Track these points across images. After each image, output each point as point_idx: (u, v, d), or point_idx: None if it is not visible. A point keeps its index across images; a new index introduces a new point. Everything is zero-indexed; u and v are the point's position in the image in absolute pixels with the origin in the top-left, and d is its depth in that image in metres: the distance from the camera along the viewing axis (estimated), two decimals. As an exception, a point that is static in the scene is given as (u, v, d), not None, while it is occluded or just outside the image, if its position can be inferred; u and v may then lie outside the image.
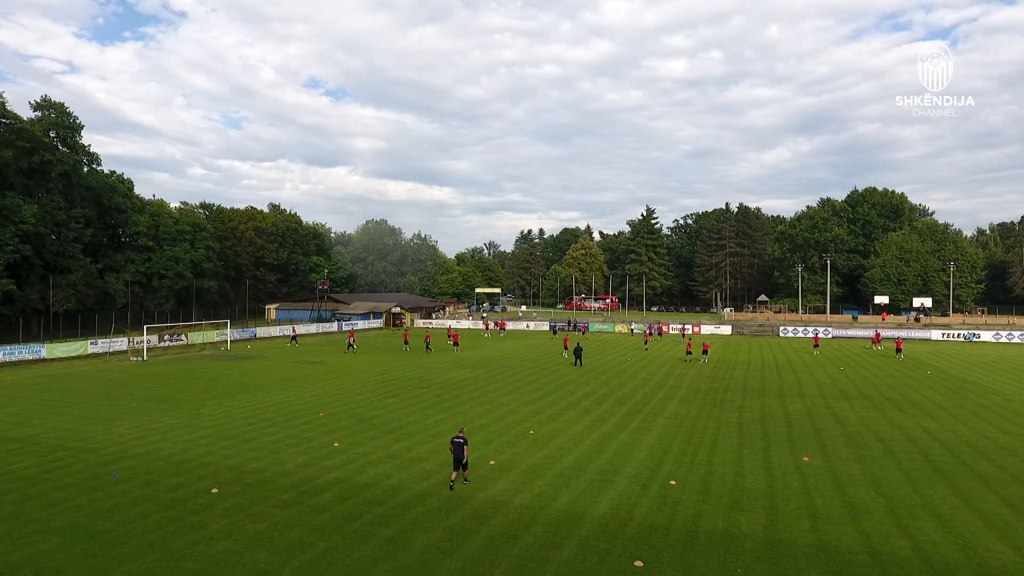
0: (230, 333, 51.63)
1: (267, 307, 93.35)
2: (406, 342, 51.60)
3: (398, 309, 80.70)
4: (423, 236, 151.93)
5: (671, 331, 67.56)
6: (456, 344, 50.50)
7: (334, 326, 70.23)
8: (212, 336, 53.92)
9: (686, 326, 66.97)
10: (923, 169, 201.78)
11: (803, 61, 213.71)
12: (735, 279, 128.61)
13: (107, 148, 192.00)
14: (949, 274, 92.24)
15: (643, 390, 31.12)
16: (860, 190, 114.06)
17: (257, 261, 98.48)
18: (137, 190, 75.38)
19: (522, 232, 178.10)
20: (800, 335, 65.57)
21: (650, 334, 59.95)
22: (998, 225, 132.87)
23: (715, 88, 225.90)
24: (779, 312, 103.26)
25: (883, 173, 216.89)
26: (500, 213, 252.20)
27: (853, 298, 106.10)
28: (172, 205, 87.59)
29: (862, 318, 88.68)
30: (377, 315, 78.93)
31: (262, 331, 61.95)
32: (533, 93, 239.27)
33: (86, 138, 70.86)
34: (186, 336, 52.23)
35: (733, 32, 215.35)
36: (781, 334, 65.65)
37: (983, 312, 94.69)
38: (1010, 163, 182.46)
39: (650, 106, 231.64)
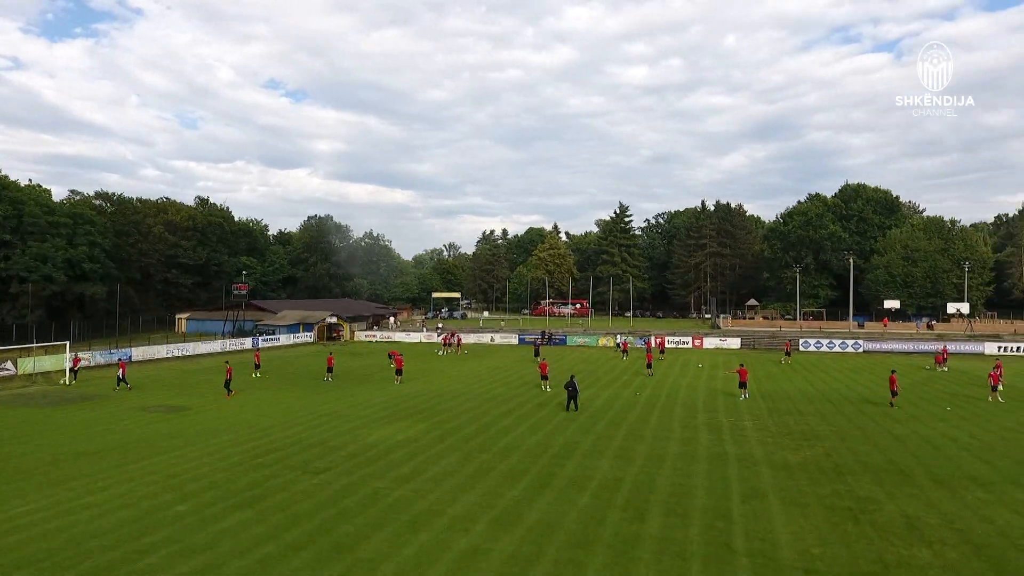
0: (68, 360, 36.64)
1: (178, 317, 77.71)
2: (330, 369, 37.76)
3: (334, 319, 66.41)
4: (375, 235, 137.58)
5: (667, 345, 55.18)
6: (399, 372, 36.77)
7: (247, 342, 55.57)
8: (60, 363, 38.90)
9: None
10: (870, 176, 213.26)
11: (758, 70, 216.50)
12: (716, 281, 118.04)
13: (55, 148, 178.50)
14: (961, 275, 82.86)
15: (698, 471, 18.24)
16: (852, 184, 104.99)
17: (168, 261, 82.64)
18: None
19: (484, 232, 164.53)
20: (824, 349, 54.01)
21: (649, 348, 47.43)
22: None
23: (675, 95, 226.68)
24: (770, 318, 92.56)
25: (833, 179, 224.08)
26: (462, 216, 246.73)
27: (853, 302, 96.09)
28: (59, 199, 71.64)
29: (868, 325, 78.68)
30: (308, 327, 64.47)
31: (144, 352, 47.12)
32: (496, 97, 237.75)
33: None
34: (14, 364, 37.24)
35: (692, 41, 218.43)
36: (802, 348, 53.97)
37: (994, 316, 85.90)
38: (950, 170, 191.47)
39: (611, 112, 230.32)
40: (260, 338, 57.03)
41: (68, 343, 37.99)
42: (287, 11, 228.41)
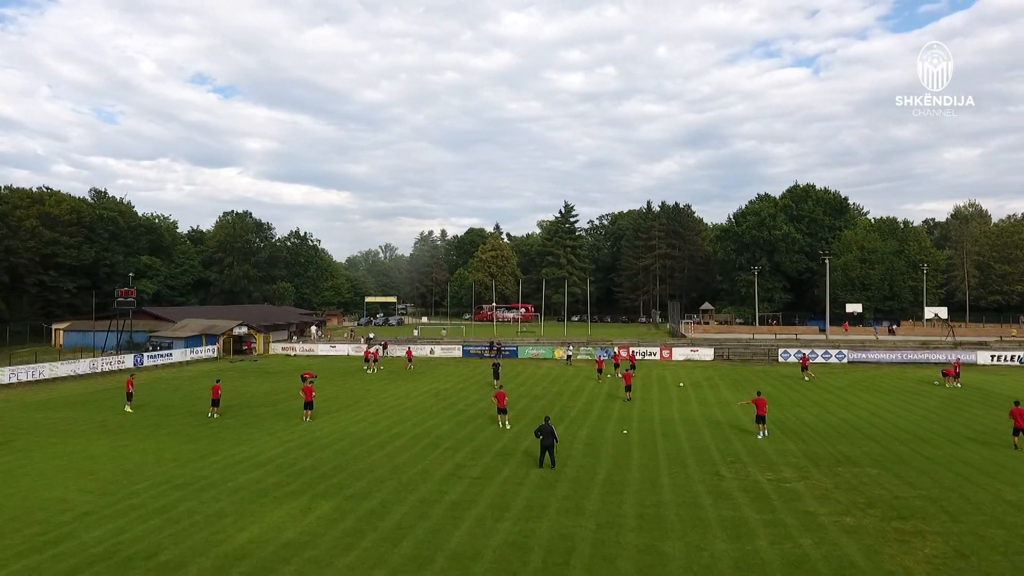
0: None
1: (55, 327, 65.46)
2: (215, 402, 28.62)
3: (244, 329, 56.34)
4: (302, 234, 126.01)
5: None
6: (308, 405, 27.81)
7: (127, 359, 45.08)
8: None
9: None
10: (791, 183, 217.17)
11: (689, 80, 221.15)
12: (665, 284, 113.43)
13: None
14: (917, 277, 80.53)
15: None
16: (801, 185, 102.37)
17: (45, 261, 70.01)
18: None
19: (422, 233, 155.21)
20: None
21: (617, 366, 40.43)
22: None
23: (610, 102, 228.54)
24: (728, 322, 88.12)
25: (759, 186, 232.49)
26: (400, 219, 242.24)
27: (805, 306, 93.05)
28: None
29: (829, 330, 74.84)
30: (212, 339, 54.22)
31: (-23, 377, 36.36)
32: (435, 99, 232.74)
33: None
34: None
35: (626, 50, 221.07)
36: (780, 359, 48.30)
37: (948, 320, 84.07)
38: (863, 179, 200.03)
39: (549, 117, 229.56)
40: (145, 355, 46.58)
41: None
42: (215, 4, 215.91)
